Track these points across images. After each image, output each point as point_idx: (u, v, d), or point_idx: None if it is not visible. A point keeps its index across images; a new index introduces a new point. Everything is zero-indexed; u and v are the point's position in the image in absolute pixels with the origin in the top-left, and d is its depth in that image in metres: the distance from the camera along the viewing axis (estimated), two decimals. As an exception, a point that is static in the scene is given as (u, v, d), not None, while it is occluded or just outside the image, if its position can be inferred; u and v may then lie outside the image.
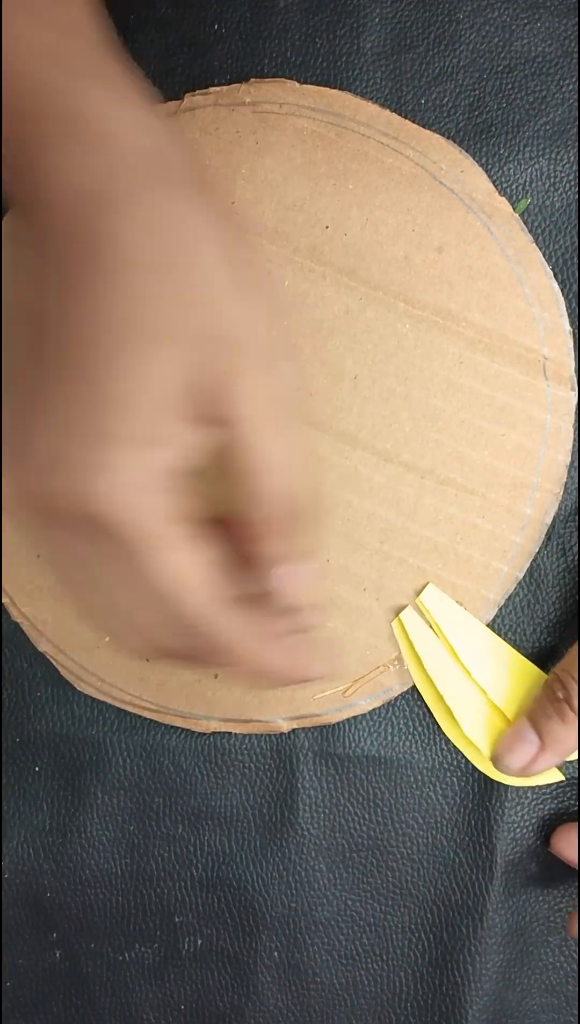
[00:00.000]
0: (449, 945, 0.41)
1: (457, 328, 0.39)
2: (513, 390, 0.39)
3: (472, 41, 0.40)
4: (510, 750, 0.38)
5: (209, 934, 0.42)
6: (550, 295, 0.39)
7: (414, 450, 0.40)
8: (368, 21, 0.40)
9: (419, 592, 0.40)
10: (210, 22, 0.41)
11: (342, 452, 0.40)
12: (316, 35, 0.41)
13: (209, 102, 0.40)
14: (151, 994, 0.42)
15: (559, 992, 0.41)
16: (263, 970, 0.42)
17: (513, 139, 0.40)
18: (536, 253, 0.39)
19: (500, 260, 0.39)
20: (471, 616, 0.39)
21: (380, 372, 0.40)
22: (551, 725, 0.37)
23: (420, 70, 0.40)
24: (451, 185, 0.39)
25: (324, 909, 0.42)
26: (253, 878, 0.42)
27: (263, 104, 0.40)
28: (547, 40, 0.40)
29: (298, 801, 0.41)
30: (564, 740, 0.37)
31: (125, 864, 0.42)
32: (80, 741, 0.42)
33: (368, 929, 0.41)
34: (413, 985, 0.41)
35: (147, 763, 0.42)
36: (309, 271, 0.40)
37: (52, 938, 0.43)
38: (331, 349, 0.40)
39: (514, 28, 0.40)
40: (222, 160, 0.40)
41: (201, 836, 0.42)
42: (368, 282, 0.40)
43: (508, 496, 0.39)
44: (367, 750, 0.41)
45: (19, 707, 0.43)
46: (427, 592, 0.39)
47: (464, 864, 0.41)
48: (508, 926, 0.41)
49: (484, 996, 0.41)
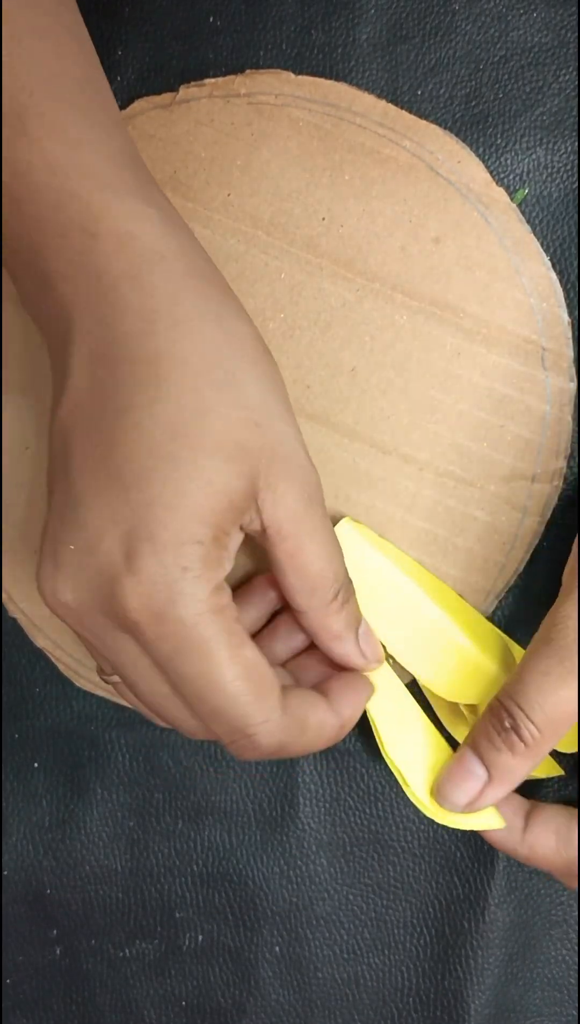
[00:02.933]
0: (451, 939, 0.41)
1: (455, 319, 0.39)
2: (511, 381, 0.39)
3: (468, 31, 0.40)
4: (455, 785, 0.35)
5: (210, 930, 0.42)
6: (548, 285, 0.39)
7: (412, 442, 0.39)
8: (363, 12, 0.40)
9: None
10: (205, 14, 0.41)
11: (340, 445, 0.40)
12: (311, 27, 0.41)
13: (204, 94, 0.40)
14: (152, 990, 0.42)
15: (561, 986, 0.41)
16: (264, 965, 0.42)
17: (510, 129, 0.40)
18: (534, 243, 0.39)
19: (498, 250, 0.39)
20: (386, 558, 0.38)
21: (378, 364, 0.39)
22: (500, 758, 0.34)
23: (416, 61, 0.40)
24: (448, 175, 0.39)
25: (325, 904, 0.41)
26: (254, 873, 0.42)
27: (258, 95, 0.40)
28: (543, 30, 0.40)
29: (298, 796, 0.41)
30: (514, 771, 0.34)
31: (125, 860, 0.42)
32: (79, 737, 0.42)
33: (370, 923, 0.41)
34: (415, 979, 0.41)
35: (147, 759, 0.42)
36: (306, 263, 0.40)
37: (52, 935, 0.43)
38: (328, 341, 0.40)
39: (510, 18, 0.40)
40: (218, 152, 0.40)
41: (201, 831, 0.42)
42: (365, 273, 0.39)
43: (507, 488, 0.39)
44: (367, 744, 0.41)
45: (18, 703, 0.43)
46: (341, 526, 0.38)
47: (466, 858, 0.41)
48: (510, 920, 0.41)
49: (486, 990, 0.41)
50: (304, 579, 0.33)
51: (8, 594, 0.42)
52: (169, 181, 0.40)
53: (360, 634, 0.36)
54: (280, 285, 0.40)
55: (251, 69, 0.40)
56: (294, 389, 0.39)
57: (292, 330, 0.40)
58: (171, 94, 0.40)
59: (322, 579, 0.34)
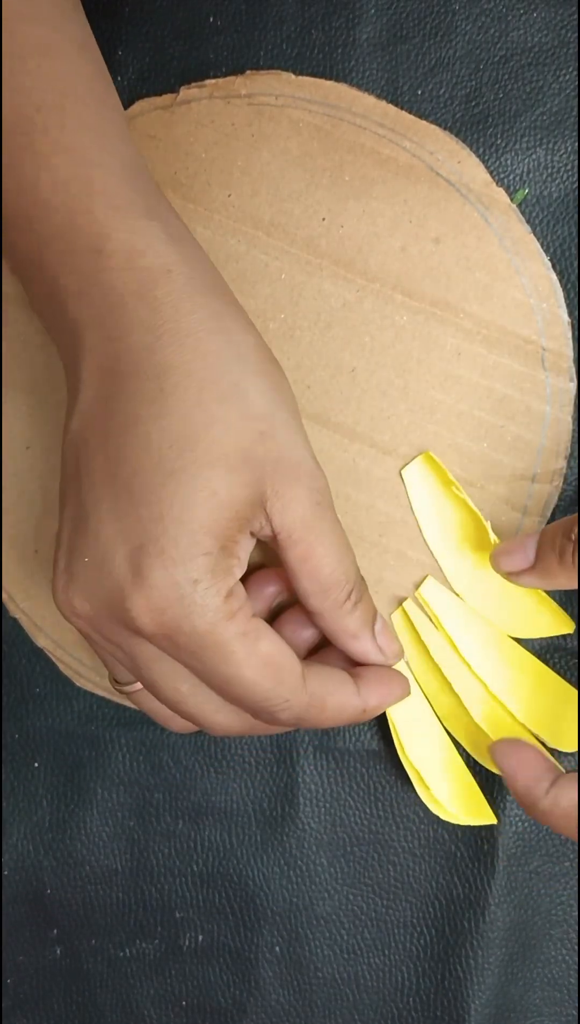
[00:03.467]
0: (451, 939, 0.41)
1: (455, 319, 0.39)
2: (512, 381, 0.39)
3: (468, 32, 0.40)
4: (507, 553, 0.37)
5: (210, 929, 0.42)
6: (548, 285, 0.39)
7: (413, 442, 0.39)
8: (364, 12, 0.40)
9: (418, 585, 0.39)
10: (205, 14, 0.41)
11: (340, 445, 0.40)
12: (312, 27, 0.41)
13: (204, 95, 0.40)
14: (152, 990, 0.42)
15: (561, 985, 0.41)
16: (264, 965, 0.42)
17: (510, 129, 0.40)
18: (534, 243, 0.39)
19: (498, 251, 0.39)
20: (471, 609, 0.39)
21: (378, 364, 0.39)
22: (549, 556, 0.36)
23: (416, 61, 0.40)
24: (448, 176, 0.39)
25: (325, 903, 0.41)
26: (254, 873, 0.42)
27: (259, 96, 0.40)
28: (543, 30, 0.40)
29: (299, 795, 0.41)
30: (553, 575, 0.36)
31: (125, 860, 0.42)
32: (79, 737, 0.42)
33: (370, 923, 0.41)
34: (415, 979, 0.41)
35: (147, 759, 0.42)
36: (306, 263, 0.40)
37: (52, 935, 0.43)
38: (328, 341, 0.40)
39: (510, 18, 0.40)
40: (218, 153, 0.40)
41: (201, 831, 0.42)
42: (365, 274, 0.39)
43: (507, 488, 0.39)
44: (367, 744, 0.41)
45: (18, 703, 0.43)
46: (426, 585, 0.39)
47: (466, 858, 0.41)
48: (510, 920, 0.41)
49: (486, 990, 0.41)
50: (316, 582, 0.34)
51: (8, 594, 0.42)
52: (170, 182, 0.40)
53: (377, 631, 0.36)
54: (280, 286, 0.40)
55: (251, 69, 0.40)
56: (294, 389, 0.39)
57: (292, 330, 0.40)
58: (171, 95, 0.41)
59: (334, 581, 0.34)
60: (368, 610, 0.36)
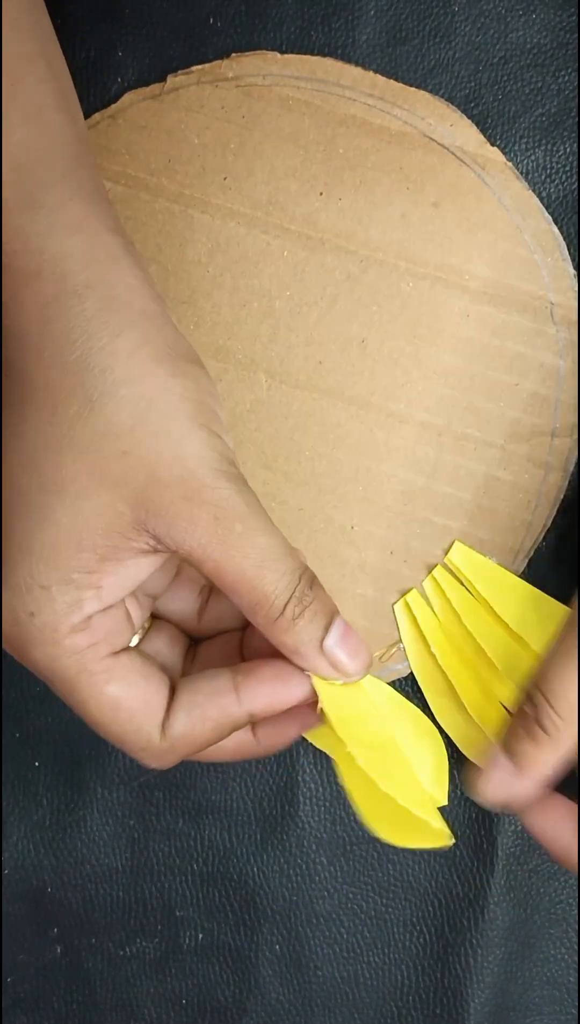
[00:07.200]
0: (450, 938, 0.41)
1: (461, 281, 0.39)
2: (522, 338, 0.39)
3: (467, 33, 0.40)
4: (486, 777, 0.34)
5: (210, 928, 0.42)
6: (551, 240, 0.39)
7: (429, 408, 0.39)
8: (363, 14, 0.41)
9: (447, 551, 0.39)
10: (205, 15, 0.41)
11: (357, 417, 0.40)
12: (311, 28, 0.41)
13: (192, 81, 0.40)
14: (152, 989, 0.42)
15: (561, 984, 0.41)
16: (264, 964, 0.42)
17: (509, 130, 0.40)
18: (533, 199, 0.39)
19: (498, 210, 0.39)
20: (503, 569, 0.39)
21: (387, 334, 0.40)
22: (521, 746, 0.33)
23: (416, 62, 0.40)
24: (441, 140, 0.39)
25: (325, 902, 0.42)
26: (254, 872, 0.42)
27: (246, 77, 0.40)
28: (543, 31, 0.40)
29: (298, 794, 0.41)
30: (537, 761, 0.33)
31: (125, 859, 0.42)
32: (80, 736, 0.42)
33: (369, 922, 0.41)
34: (414, 978, 0.41)
35: (147, 758, 0.42)
36: (307, 239, 0.40)
37: (52, 934, 0.43)
38: (336, 315, 0.40)
39: (509, 20, 0.40)
40: (211, 137, 0.40)
41: (201, 830, 0.42)
42: (367, 244, 0.39)
43: (528, 445, 0.39)
44: (367, 743, 0.41)
45: (18, 702, 0.43)
46: (455, 550, 0.39)
47: (465, 857, 0.41)
48: (509, 919, 0.41)
49: (486, 989, 0.41)
50: (239, 598, 0.31)
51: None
52: (164, 170, 0.40)
53: (331, 643, 0.31)
54: (283, 264, 0.40)
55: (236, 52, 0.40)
56: (306, 365, 0.40)
57: (299, 307, 0.40)
58: (159, 84, 0.41)
59: (257, 599, 0.30)
60: (315, 622, 0.31)
